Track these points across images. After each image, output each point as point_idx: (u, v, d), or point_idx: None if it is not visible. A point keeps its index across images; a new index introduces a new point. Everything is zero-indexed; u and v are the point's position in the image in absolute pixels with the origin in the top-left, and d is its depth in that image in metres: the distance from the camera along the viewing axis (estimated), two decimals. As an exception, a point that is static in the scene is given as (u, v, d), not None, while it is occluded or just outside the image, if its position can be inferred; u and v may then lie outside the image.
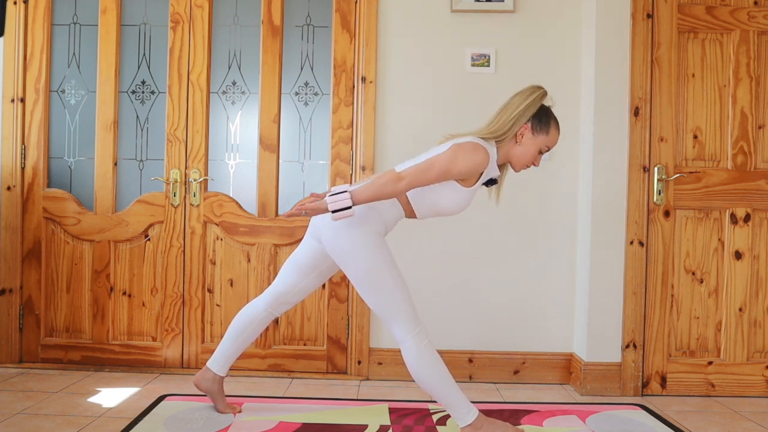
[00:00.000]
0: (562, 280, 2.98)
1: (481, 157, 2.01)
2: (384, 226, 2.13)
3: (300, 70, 3.07)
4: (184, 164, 3.03)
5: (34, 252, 3.04)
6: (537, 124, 2.09)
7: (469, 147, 2.01)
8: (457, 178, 2.05)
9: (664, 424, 2.42)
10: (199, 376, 2.40)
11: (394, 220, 2.17)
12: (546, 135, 2.11)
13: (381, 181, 2.00)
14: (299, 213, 2.04)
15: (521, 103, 2.08)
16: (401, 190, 2.02)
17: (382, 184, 2.00)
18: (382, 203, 2.11)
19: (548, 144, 2.12)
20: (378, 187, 2.00)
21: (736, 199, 2.84)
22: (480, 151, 2.01)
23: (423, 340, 2.09)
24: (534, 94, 2.09)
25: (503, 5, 2.94)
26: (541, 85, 2.13)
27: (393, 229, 2.25)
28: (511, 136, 2.10)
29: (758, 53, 2.84)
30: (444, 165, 2.00)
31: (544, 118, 2.10)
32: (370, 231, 2.07)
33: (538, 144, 2.11)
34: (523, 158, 2.13)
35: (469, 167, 2.01)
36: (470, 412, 2.12)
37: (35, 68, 3.03)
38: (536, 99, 2.09)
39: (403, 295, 2.08)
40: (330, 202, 1.97)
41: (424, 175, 2.01)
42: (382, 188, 2.00)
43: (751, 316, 2.85)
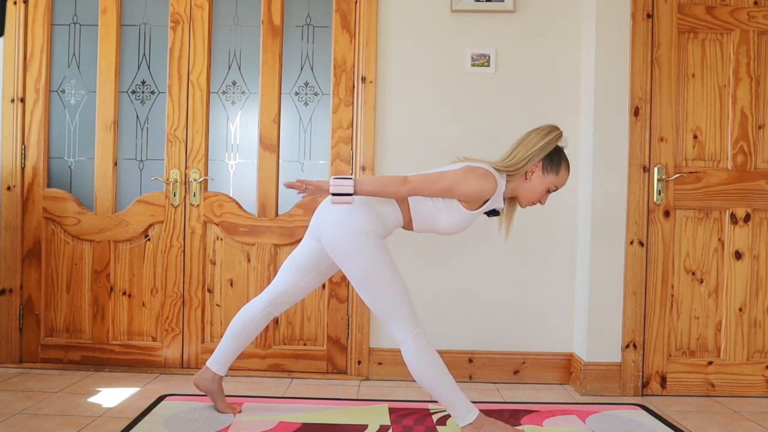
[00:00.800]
0: (562, 280, 2.98)
1: (489, 185, 2.05)
2: (384, 228, 2.14)
3: (300, 70, 3.07)
4: (184, 164, 3.03)
5: (34, 252, 3.04)
6: (548, 164, 2.14)
7: (481, 172, 2.05)
8: (461, 198, 2.07)
9: (664, 424, 2.42)
10: (198, 376, 2.40)
11: (394, 225, 2.18)
12: (555, 175, 2.15)
13: (386, 179, 2.02)
14: (300, 186, 2.05)
15: (537, 143, 2.12)
16: (404, 193, 2.04)
17: (386, 182, 2.02)
18: (384, 206, 2.12)
19: (556, 184, 2.16)
20: (382, 183, 2.02)
21: (736, 199, 2.84)
22: (490, 179, 2.05)
23: (422, 340, 2.09)
24: (551, 135, 2.13)
25: (503, 5, 2.94)
26: (557, 126, 2.17)
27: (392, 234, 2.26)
28: (522, 173, 2.13)
29: (758, 53, 2.84)
30: (452, 181, 2.04)
31: (556, 159, 2.15)
32: (370, 232, 2.08)
33: (546, 183, 2.15)
34: (530, 195, 2.17)
35: (475, 190, 2.04)
36: (470, 411, 2.13)
37: (35, 68, 3.03)
38: (552, 140, 2.12)
39: (403, 296, 2.09)
40: (333, 185, 1.99)
41: (429, 185, 2.04)
42: (385, 185, 2.02)
43: (751, 316, 2.85)
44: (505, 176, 2.13)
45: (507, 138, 2.94)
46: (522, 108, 2.97)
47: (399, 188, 2.03)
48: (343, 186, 1.99)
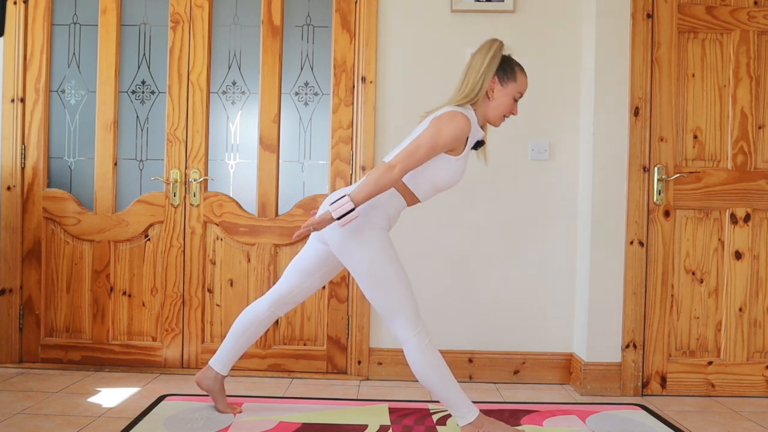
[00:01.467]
0: (562, 280, 2.98)
1: (463, 123, 2.04)
2: (387, 220, 2.14)
3: (300, 70, 3.07)
4: (184, 164, 3.03)
5: (34, 252, 3.04)
6: (503, 75, 2.13)
7: (448, 116, 2.04)
8: (445, 149, 2.06)
9: (664, 424, 2.42)
10: (200, 375, 2.40)
11: (397, 211, 2.17)
12: (515, 82, 2.14)
13: (375, 175, 2.01)
14: (308, 232, 2.06)
15: (483, 61, 2.11)
16: (396, 177, 2.02)
17: (376, 178, 2.01)
18: (382, 197, 2.11)
19: (519, 90, 2.16)
20: (374, 182, 2.00)
21: (736, 199, 2.84)
22: (459, 117, 2.04)
23: (424, 338, 2.09)
24: (492, 48, 2.12)
25: (503, 5, 2.94)
26: (495, 38, 2.16)
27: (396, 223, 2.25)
28: (483, 94, 2.13)
29: (758, 53, 2.84)
30: (429, 140, 2.02)
31: (508, 68, 2.14)
32: (374, 228, 2.08)
33: (509, 93, 2.14)
34: (499, 111, 2.16)
35: (453, 136, 2.03)
36: (471, 411, 2.13)
37: (35, 68, 3.03)
38: (496, 52, 2.12)
39: (407, 293, 2.09)
40: (333, 210, 1.98)
41: (413, 157, 2.03)
42: (378, 182, 2.01)
43: (751, 316, 2.85)
44: (470, 107, 2.13)
45: (507, 138, 2.96)
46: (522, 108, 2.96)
47: (390, 176, 2.01)
48: (342, 206, 1.98)
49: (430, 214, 2.96)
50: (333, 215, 1.99)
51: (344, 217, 1.98)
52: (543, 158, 2.97)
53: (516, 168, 2.97)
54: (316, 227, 2.04)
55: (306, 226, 2.04)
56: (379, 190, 2.02)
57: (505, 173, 2.97)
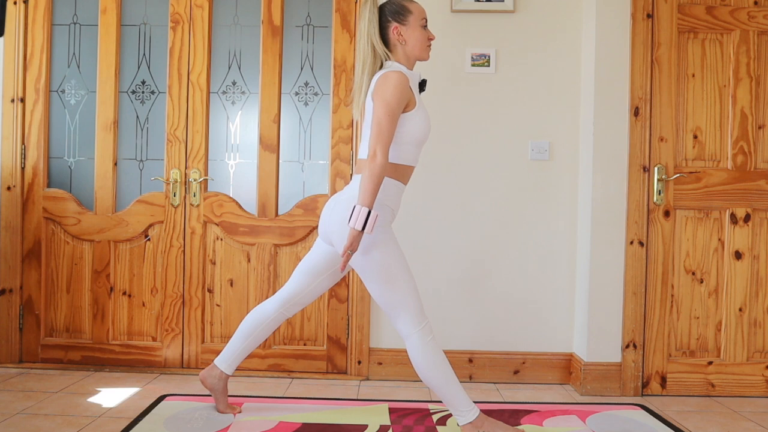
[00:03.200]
0: (562, 280, 2.98)
1: (397, 78, 2.04)
2: (391, 212, 2.15)
3: (300, 70, 3.07)
4: (184, 164, 3.03)
5: (34, 252, 3.04)
6: (397, 17, 2.14)
7: (381, 82, 2.05)
8: (401, 109, 2.05)
9: (664, 424, 2.42)
10: (205, 373, 2.40)
11: (398, 198, 2.17)
12: (412, 14, 2.15)
13: (367, 174, 1.98)
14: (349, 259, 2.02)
15: (363, 24, 2.13)
16: (382, 162, 2.00)
17: (369, 174, 1.98)
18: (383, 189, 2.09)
19: (421, 16, 2.16)
20: (370, 178, 1.98)
21: (736, 199, 2.84)
22: (390, 75, 2.05)
23: (428, 335, 2.10)
24: (366, 8, 2.14)
25: (503, 5, 2.94)
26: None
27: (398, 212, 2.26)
28: (391, 46, 2.14)
29: (758, 53, 2.84)
30: (384, 112, 2.02)
31: (396, 7, 2.15)
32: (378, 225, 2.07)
33: (414, 27, 2.15)
34: (419, 46, 2.16)
35: (399, 94, 2.03)
36: (471, 410, 2.13)
37: (35, 68, 3.03)
38: (371, 8, 2.13)
39: (411, 289, 2.10)
40: (353, 225, 1.96)
41: (383, 135, 2.01)
42: (372, 176, 1.98)
43: (751, 316, 2.85)
44: (390, 60, 2.14)
45: (507, 138, 2.96)
46: (522, 108, 2.97)
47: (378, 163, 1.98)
48: (359, 216, 1.96)
49: (430, 215, 2.96)
50: (357, 228, 1.96)
51: (367, 223, 1.96)
52: (543, 158, 2.97)
53: (516, 168, 2.97)
54: (353, 248, 2.00)
55: (346, 255, 2.01)
56: (379, 182, 1.99)
57: (505, 173, 2.97)
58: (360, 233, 1.98)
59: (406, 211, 2.88)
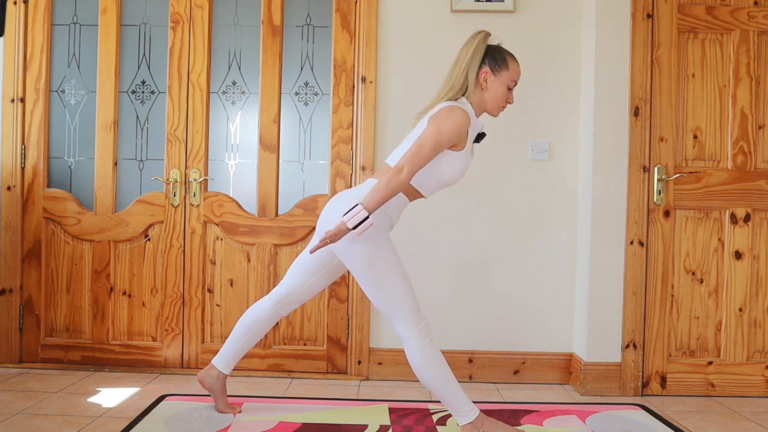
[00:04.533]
0: (562, 280, 2.98)
1: (462, 117, 2.03)
2: (389, 221, 2.15)
3: (300, 70, 3.07)
4: (184, 164, 3.03)
5: (34, 252, 3.04)
6: (494, 65, 2.12)
7: (446, 112, 2.04)
8: (448, 145, 2.06)
9: (664, 424, 2.42)
10: (203, 373, 2.40)
11: (399, 210, 2.17)
12: (507, 70, 2.13)
13: (384, 181, 2.00)
14: (324, 245, 2.05)
15: (467, 53, 2.12)
16: (405, 180, 2.02)
17: (386, 184, 2.00)
18: None
19: (513, 78, 2.15)
20: (384, 188, 2.00)
21: (736, 199, 2.84)
22: (457, 111, 2.04)
23: (426, 337, 2.10)
24: (476, 39, 2.12)
25: (503, 5, 2.94)
26: (481, 29, 2.16)
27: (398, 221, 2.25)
28: (473, 85, 2.12)
29: (758, 53, 2.84)
30: (432, 139, 2.02)
31: (499, 56, 2.13)
32: (375, 229, 2.07)
33: (503, 82, 2.13)
34: (495, 101, 2.15)
35: (454, 130, 2.03)
36: (471, 410, 2.13)
37: (35, 68, 3.03)
38: (480, 42, 2.12)
39: (407, 292, 2.09)
40: (347, 221, 1.97)
41: (419, 157, 2.02)
42: (388, 187, 2.00)
43: (751, 316, 2.85)
44: (464, 100, 2.13)
45: (507, 138, 2.96)
46: (522, 108, 2.96)
47: (399, 180, 2.00)
48: (356, 216, 1.97)
49: (431, 215, 2.96)
50: (348, 225, 1.97)
51: (360, 226, 1.97)
52: (543, 158, 2.97)
53: (516, 168, 2.97)
54: (333, 239, 2.02)
55: (323, 240, 2.03)
56: (391, 195, 2.02)
57: (505, 173, 2.97)
58: (348, 231, 1.99)
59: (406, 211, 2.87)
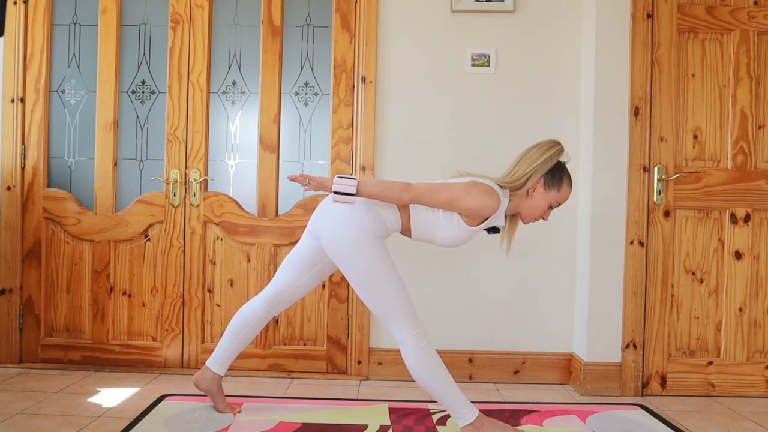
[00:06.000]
0: (562, 280, 2.98)
1: (493, 202, 2.02)
2: (384, 229, 2.14)
3: (300, 70, 3.07)
4: (184, 164, 3.03)
5: (34, 252, 3.04)
6: (550, 180, 2.11)
7: (486, 188, 2.03)
8: (462, 212, 2.06)
9: (664, 424, 2.42)
10: (198, 376, 2.40)
11: (392, 229, 2.17)
12: (557, 191, 2.12)
13: (389, 183, 2.03)
14: (303, 180, 2.08)
15: (539, 158, 2.09)
16: (405, 199, 2.04)
17: (388, 186, 2.03)
18: (385, 209, 2.12)
19: (559, 200, 2.14)
20: (384, 187, 2.02)
21: (736, 199, 2.84)
22: (494, 196, 2.03)
23: (422, 340, 2.09)
24: (552, 150, 2.10)
25: (503, 5, 2.94)
26: (558, 141, 2.14)
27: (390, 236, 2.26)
28: (525, 189, 2.11)
29: (758, 53, 2.84)
30: (455, 194, 2.02)
31: (558, 174, 2.12)
32: (369, 232, 2.08)
33: (548, 199, 2.13)
34: (533, 212, 2.14)
35: (478, 206, 2.02)
36: (470, 411, 2.13)
37: (35, 68, 3.03)
38: (554, 155, 2.10)
39: (402, 296, 2.09)
40: (336, 183, 2.02)
41: (432, 195, 2.04)
42: (388, 189, 2.02)
43: (751, 316, 2.85)
44: (508, 193, 2.12)
45: (507, 138, 2.96)
46: (522, 108, 2.97)
47: (401, 194, 2.03)
48: (346, 185, 2.00)
49: (430, 214, 2.96)
50: (333, 187, 2.02)
51: (341, 195, 2.01)
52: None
53: (516, 168, 2.97)
54: (311, 182, 2.06)
55: (303, 175, 2.06)
56: (384, 198, 2.04)
57: (505, 173, 2.97)
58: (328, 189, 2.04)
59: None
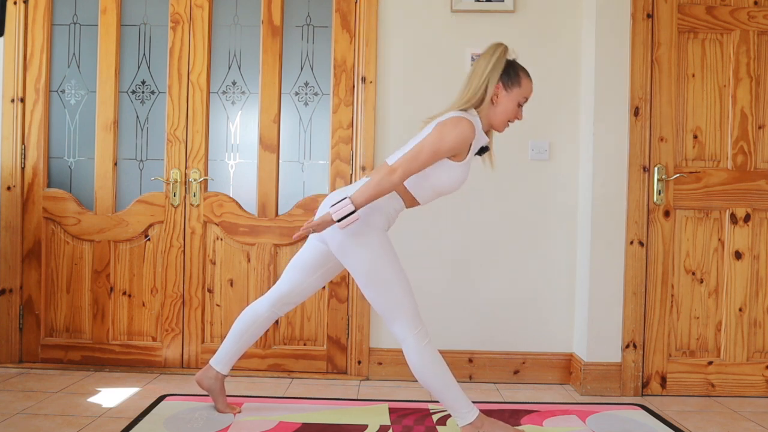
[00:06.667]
0: (562, 280, 2.98)
1: (467, 129, 2.02)
2: (386, 220, 2.14)
3: (300, 70, 3.07)
4: (184, 164, 3.03)
5: (34, 252, 3.04)
6: (507, 80, 2.11)
7: (453, 122, 2.03)
8: (448, 155, 2.05)
9: (664, 424, 2.42)
10: (201, 374, 2.41)
11: (396, 212, 2.17)
12: (519, 87, 2.12)
13: (376, 179, 2.01)
14: (307, 233, 2.06)
15: (487, 66, 2.10)
16: (397, 181, 2.02)
17: (377, 182, 2.01)
18: (381, 198, 2.10)
19: (524, 95, 2.14)
20: (375, 185, 2.01)
21: (736, 199, 2.84)
22: (463, 123, 2.03)
23: (424, 338, 2.09)
24: (497, 53, 2.11)
25: (503, 5, 2.94)
26: (500, 42, 2.14)
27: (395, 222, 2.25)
28: (488, 100, 2.11)
29: (758, 53, 2.84)
30: (432, 146, 2.01)
31: (513, 72, 2.12)
32: (373, 229, 2.08)
33: (514, 98, 2.12)
34: (503, 116, 2.14)
35: (457, 141, 2.02)
36: (471, 411, 2.13)
37: (35, 68, 3.03)
38: (500, 56, 2.11)
39: (406, 294, 2.09)
40: (333, 212, 1.98)
41: (415, 162, 2.02)
42: (379, 185, 2.01)
43: (751, 316, 2.85)
44: (474, 112, 2.11)
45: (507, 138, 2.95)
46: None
47: (392, 180, 2.01)
48: (343, 209, 1.98)
49: (431, 214, 2.96)
50: (333, 217, 1.99)
51: (344, 219, 1.98)
52: (543, 158, 2.97)
53: (516, 168, 2.97)
54: (316, 229, 2.04)
55: (306, 228, 2.04)
56: (381, 194, 2.02)
57: (505, 173, 2.97)
58: (331, 222, 2.01)
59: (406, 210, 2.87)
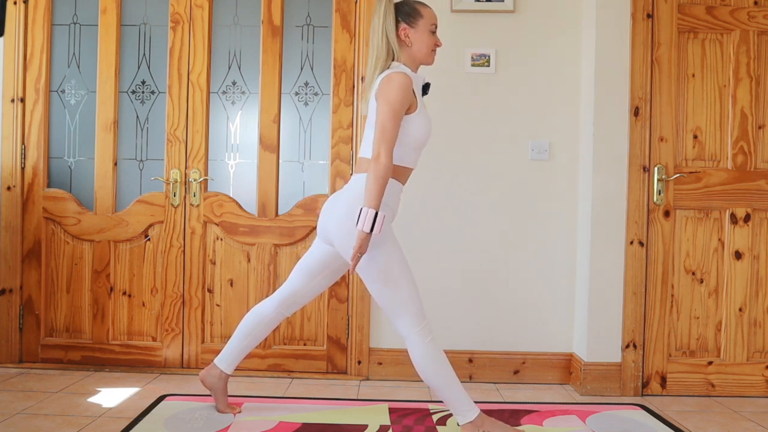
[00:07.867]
0: (562, 280, 2.98)
1: (401, 78, 2.04)
2: (391, 212, 2.14)
3: (300, 70, 3.07)
4: (184, 164, 3.03)
5: (34, 252, 3.04)
6: (406, 18, 2.15)
7: (385, 82, 2.05)
8: (404, 109, 2.06)
9: (664, 424, 2.42)
10: (205, 372, 2.40)
11: (396, 196, 2.16)
12: (422, 17, 2.16)
13: (372, 175, 1.99)
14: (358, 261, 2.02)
15: (381, 18, 2.13)
16: (387, 163, 2.00)
17: (374, 176, 1.98)
18: None
19: (431, 21, 2.17)
20: (375, 180, 1.98)
21: (736, 199, 2.84)
22: (393, 77, 2.05)
23: (427, 335, 2.10)
24: (381, 4, 2.14)
25: (503, 5, 2.94)
26: None
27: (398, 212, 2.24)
28: (398, 46, 2.14)
29: (758, 53, 2.84)
30: (388, 114, 2.02)
31: (408, 8, 2.16)
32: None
33: (424, 30, 2.15)
34: (425, 50, 2.17)
35: (402, 95, 2.03)
36: (472, 410, 2.13)
37: (35, 68, 3.03)
38: (387, 4, 2.13)
39: (411, 290, 2.10)
40: (362, 228, 1.96)
41: (386, 135, 2.02)
42: (377, 177, 1.98)
43: (751, 316, 2.85)
44: (396, 63, 2.14)
45: (506, 138, 2.96)
46: (522, 108, 2.97)
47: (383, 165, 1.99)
48: (367, 218, 1.96)
49: (430, 215, 2.96)
50: (365, 230, 1.96)
51: (375, 224, 1.97)
52: (543, 158, 2.97)
53: (516, 168, 2.97)
54: (362, 251, 2.00)
55: (355, 257, 2.00)
56: (384, 183, 1.99)
57: (505, 173, 2.97)
58: (369, 235, 1.98)
59: (406, 210, 2.88)
